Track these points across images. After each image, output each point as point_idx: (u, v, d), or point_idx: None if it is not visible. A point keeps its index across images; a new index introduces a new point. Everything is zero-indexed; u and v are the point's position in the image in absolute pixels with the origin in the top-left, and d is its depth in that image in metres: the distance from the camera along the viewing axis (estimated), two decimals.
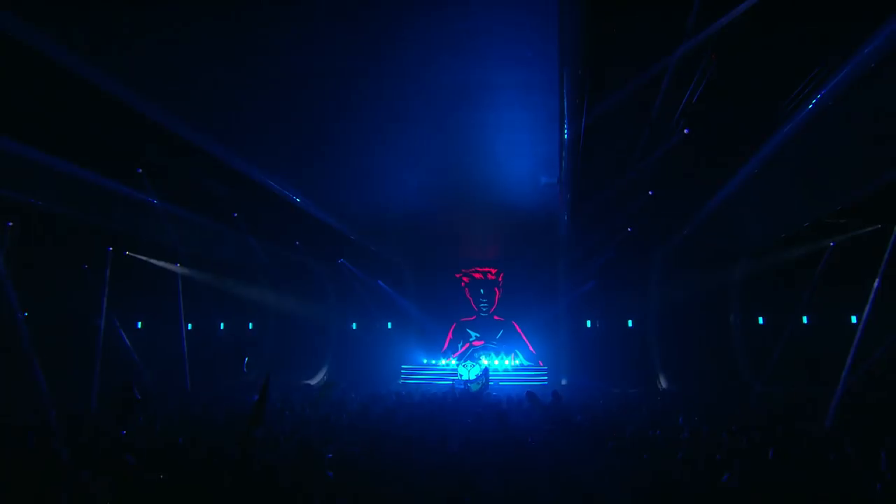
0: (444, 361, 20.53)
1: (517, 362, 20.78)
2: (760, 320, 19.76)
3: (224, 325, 23.01)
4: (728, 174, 11.04)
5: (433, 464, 5.08)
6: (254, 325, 22.96)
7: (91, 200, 12.86)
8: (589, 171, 10.77)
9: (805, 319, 18.62)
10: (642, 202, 12.38)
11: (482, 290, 21.91)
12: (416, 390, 15.91)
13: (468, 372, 16.24)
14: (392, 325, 22.38)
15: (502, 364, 20.36)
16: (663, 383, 19.46)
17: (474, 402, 10.07)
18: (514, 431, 6.53)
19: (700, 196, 12.60)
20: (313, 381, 20.89)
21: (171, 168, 11.00)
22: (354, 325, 22.53)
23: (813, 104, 8.68)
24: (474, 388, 13.41)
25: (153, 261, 19.06)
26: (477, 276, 21.93)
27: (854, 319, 18.71)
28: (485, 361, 20.42)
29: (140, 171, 10.43)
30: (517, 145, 10.81)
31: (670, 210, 13.52)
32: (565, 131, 9.79)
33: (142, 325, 21.92)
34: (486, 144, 11.24)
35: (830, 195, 13.35)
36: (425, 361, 20.52)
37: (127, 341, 19.01)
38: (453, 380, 16.08)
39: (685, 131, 8.82)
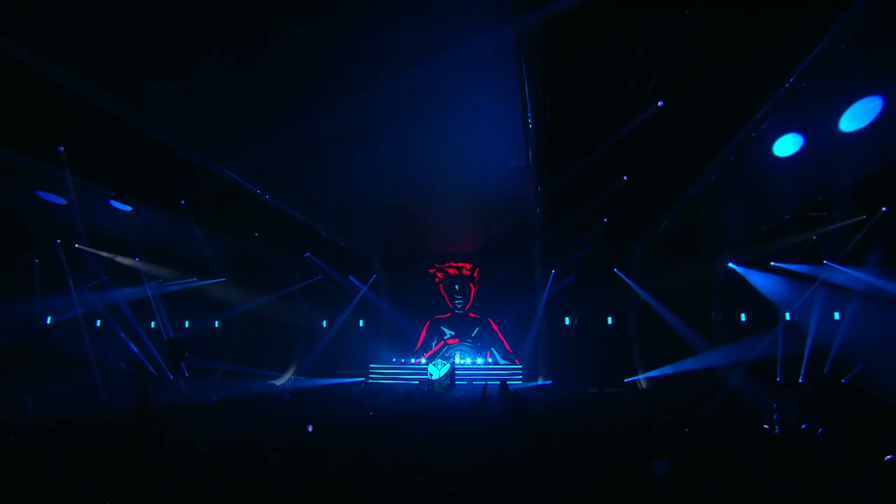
0: (413, 360, 19.66)
1: (489, 360, 20.03)
2: (742, 317, 19.23)
3: (189, 324, 22.09)
4: (706, 158, 10.33)
5: None
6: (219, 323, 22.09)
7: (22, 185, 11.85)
8: (557, 151, 9.99)
9: (787, 316, 18.08)
10: (617, 188, 11.60)
11: (457, 286, 21.09)
12: (385, 390, 15.15)
13: (438, 371, 15.42)
14: (364, 323, 21.52)
15: (475, 362, 19.60)
16: (644, 383, 18.81)
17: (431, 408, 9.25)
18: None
19: (678, 183, 11.89)
20: (279, 382, 19.96)
21: (99, 149, 10.03)
22: (325, 323, 21.61)
23: (794, 79, 7.96)
24: (439, 388, 12.55)
25: (105, 254, 17.95)
26: (451, 271, 21.10)
27: (837, 316, 18.30)
28: (458, 360, 19.67)
29: (61, 149, 9.41)
30: (481, 124, 9.95)
31: (648, 198, 12.81)
32: (528, 116, 9.05)
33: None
34: (449, 128, 10.41)
35: (815, 186, 12.81)
36: (394, 360, 19.65)
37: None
38: (419, 380, 15.24)
39: (660, 103, 8.03)
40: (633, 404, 11.15)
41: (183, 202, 12.69)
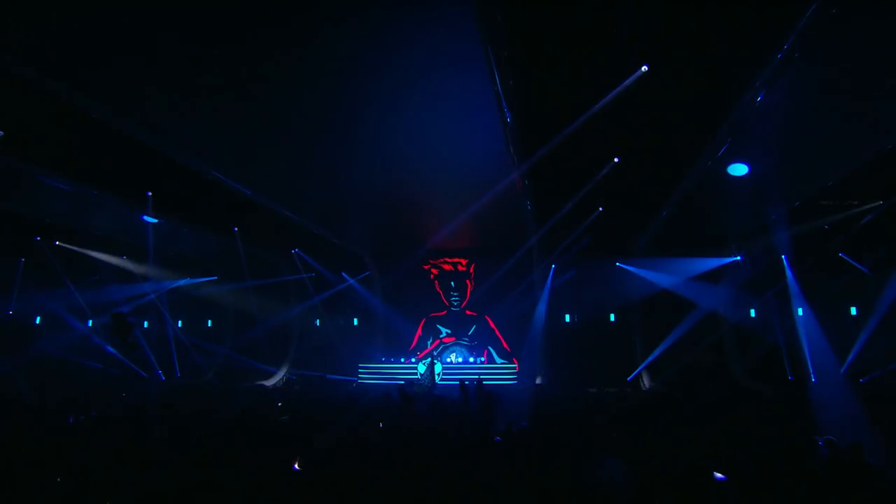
0: (402, 360, 18.98)
1: (481, 359, 19.29)
2: (752, 313, 18.24)
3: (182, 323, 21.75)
4: (706, 135, 9.48)
5: None
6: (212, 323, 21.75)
7: None
8: (534, 131, 9.24)
9: (800, 311, 17.07)
10: (608, 172, 10.78)
11: (453, 283, 20.38)
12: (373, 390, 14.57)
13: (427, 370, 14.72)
14: (358, 322, 20.94)
15: (466, 361, 18.90)
16: (646, 382, 17.94)
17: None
18: None
19: (675, 166, 11.06)
20: (269, 383, 19.43)
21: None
22: (318, 322, 21.07)
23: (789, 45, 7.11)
24: (418, 389, 11.85)
25: (89, 252, 17.55)
26: (446, 267, 20.40)
27: (854, 311, 17.28)
28: (454, 359, 19.01)
29: (1, 133, 8.92)
30: (455, 106, 9.24)
31: (643, 184, 11.98)
32: (503, 101, 8.44)
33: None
34: (424, 112, 9.78)
35: (824, 168, 11.87)
36: (383, 360, 19.01)
37: None
38: (405, 379, 14.56)
39: (644, 68, 7.23)
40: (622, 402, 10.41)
41: (150, 193, 12.18)
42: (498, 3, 6.64)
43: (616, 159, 10.29)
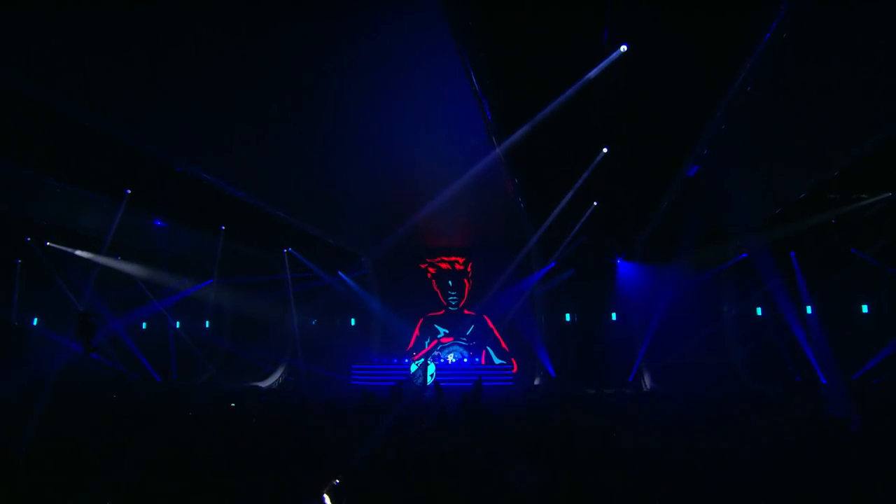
0: (395, 360, 18.62)
1: (476, 360, 18.87)
2: (759, 311, 17.62)
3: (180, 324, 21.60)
4: (700, 118, 9.00)
5: None
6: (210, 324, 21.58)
7: None
8: (516, 125, 8.87)
9: (809, 310, 16.44)
10: (600, 166, 10.34)
11: (450, 282, 20.00)
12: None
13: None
14: (355, 322, 20.67)
15: (461, 362, 18.51)
16: (647, 382, 17.41)
17: None
18: None
19: (670, 157, 10.59)
20: (265, 384, 19.20)
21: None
22: (314, 322, 20.83)
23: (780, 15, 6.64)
24: (410, 388, 11.47)
25: (81, 253, 17.42)
26: (443, 265, 20.02)
27: (866, 309, 16.61)
28: (452, 359, 18.65)
29: None
30: (435, 103, 9.00)
31: (638, 176, 11.51)
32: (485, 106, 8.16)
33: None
34: (406, 111, 9.55)
35: (830, 158, 11.29)
36: (376, 360, 18.68)
37: None
38: (397, 380, 14.20)
39: (623, 48, 6.79)
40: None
41: (129, 191, 11.99)
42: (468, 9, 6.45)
43: (605, 150, 9.84)
